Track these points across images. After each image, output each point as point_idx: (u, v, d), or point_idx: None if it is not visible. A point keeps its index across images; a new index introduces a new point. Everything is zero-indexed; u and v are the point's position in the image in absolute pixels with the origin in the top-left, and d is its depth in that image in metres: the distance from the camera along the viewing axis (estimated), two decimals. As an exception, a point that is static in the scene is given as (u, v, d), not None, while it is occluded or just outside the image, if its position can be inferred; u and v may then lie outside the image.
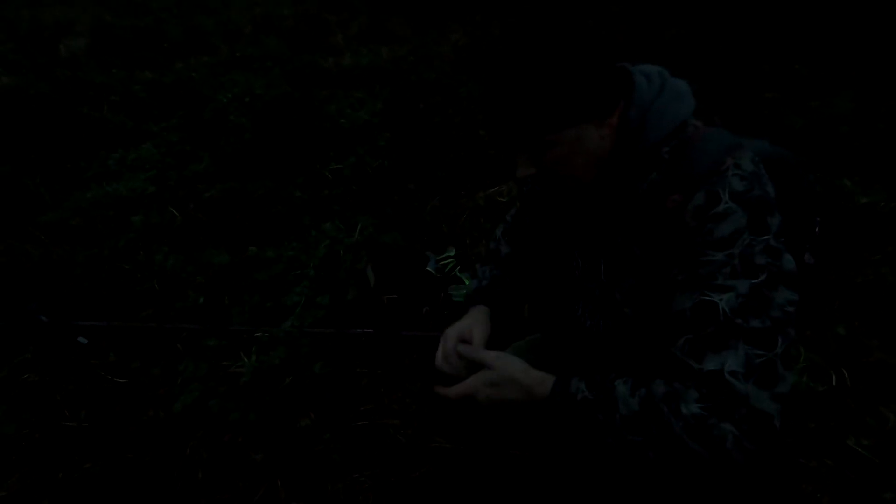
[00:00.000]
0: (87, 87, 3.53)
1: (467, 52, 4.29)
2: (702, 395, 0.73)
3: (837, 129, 2.90)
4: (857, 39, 3.73)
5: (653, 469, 0.81)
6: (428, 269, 2.11)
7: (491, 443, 1.46)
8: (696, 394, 0.73)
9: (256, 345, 1.79)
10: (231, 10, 5.43)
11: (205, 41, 4.63)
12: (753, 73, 3.50)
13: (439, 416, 1.58)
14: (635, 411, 0.77)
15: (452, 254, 2.19)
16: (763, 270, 0.73)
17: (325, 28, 5.04)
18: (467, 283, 2.05)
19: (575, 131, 0.79)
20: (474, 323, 1.06)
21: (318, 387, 1.68)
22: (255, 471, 1.49)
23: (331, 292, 1.97)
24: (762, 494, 0.78)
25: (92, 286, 2.04)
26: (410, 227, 2.37)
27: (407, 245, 2.22)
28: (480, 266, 1.23)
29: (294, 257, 2.11)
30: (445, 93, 3.55)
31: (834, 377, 1.64)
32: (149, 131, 3.16)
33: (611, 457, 0.86)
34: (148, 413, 1.64)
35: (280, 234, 2.28)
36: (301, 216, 2.42)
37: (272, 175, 2.70)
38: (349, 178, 2.72)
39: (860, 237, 2.13)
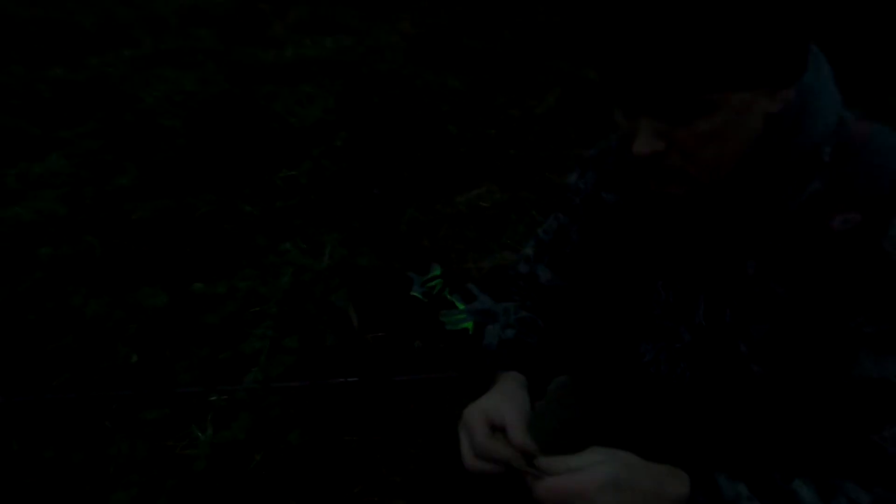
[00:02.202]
0: (-25, 88, 2.83)
1: (419, 43, 3.86)
2: None
3: None
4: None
5: None
6: (413, 293, 1.72)
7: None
8: None
9: (212, 411, 1.35)
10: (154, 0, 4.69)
11: (124, 33, 3.93)
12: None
13: (456, 487, 1.22)
14: None
15: (438, 273, 1.81)
16: None
17: (261, 18, 4.43)
18: (460, 307, 1.69)
19: (748, 97, 0.50)
20: (505, 401, 0.70)
21: (296, 463, 1.27)
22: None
23: (300, 332, 1.55)
24: None
25: (-15, 347, 1.50)
26: (384, 242, 1.96)
27: (384, 265, 1.82)
28: (499, 302, 0.86)
29: (250, 290, 1.66)
30: (401, 85, 3.12)
31: None
32: (59, 139, 2.54)
33: None
34: (68, 523, 1.18)
35: (230, 261, 1.81)
36: (253, 235, 1.96)
37: (214, 187, 2.20)
38: (305, 187, 2.27)
39: None
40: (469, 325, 1.64)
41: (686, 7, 0.46)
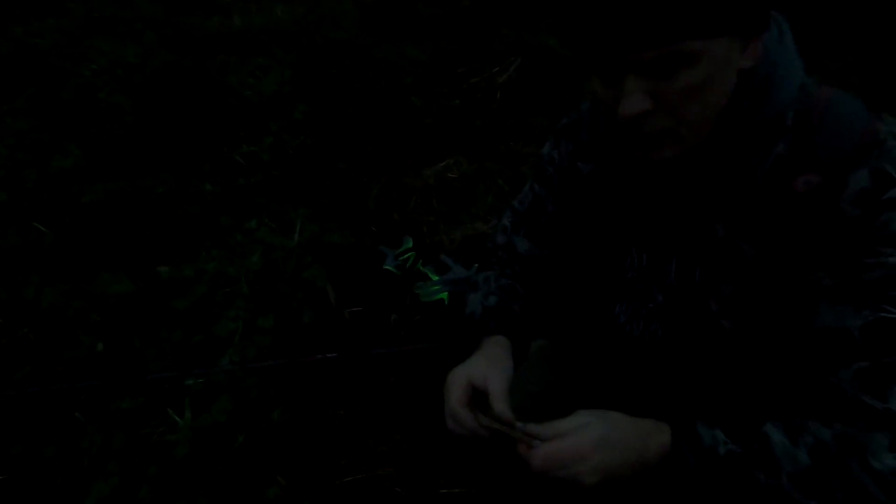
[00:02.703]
0: None
1: (373, 10, 3.73)
2: (894, 444, 0.54)
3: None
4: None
5: None
6: (386, 267, 1.72)
7: (518, 482, 1.16)
8: (885, 440, 0.54)
9: (189, 396, 1.32)
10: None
11: (48, 0, 3.60)
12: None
13: (443, 454, 1.25)
14: (807, 466, 0.56)
15: (410, 245, 1.81)
16: None
17: (203, -17, 4.15)
18: (434, 279, 1.70)
19: (726, 45, 0.52)
20: (490, 366, 0.72)
21: (281, 441, 1.27)
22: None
23: (275, 312, 1.52)
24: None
25: (-70, 345, 1.41)
26: (354, 217, 1.94)
27: (356, 241, 1.80)
28: (481, 272, 0.89)
29: (219, 272, 1.61)
30: (360, 56, 3.03)
31: None
32: (-13, 118, 2.34)
33: None
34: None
35: (194, 243, 1.74)
36: (217, 215, 1.89)
37: (169, 167, 2.10)
38: (268, 163, 2.19)
39: None
40: (444, 295, 1.66)
41: None
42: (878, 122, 0.56)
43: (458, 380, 0.70)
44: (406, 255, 1.76)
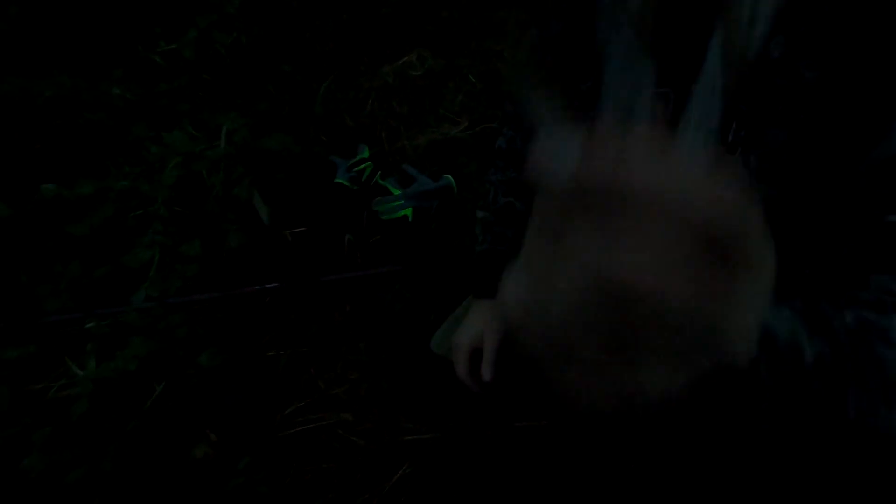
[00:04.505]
0: None
1: None
2: None
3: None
4: None
5: None
6: (338, 180, 1.41)
7: (490, 420, 0.95)
8: None
9: (92, 341, 1.05)
10: None
11: None
12: None
13: (410, 395, 1.03)
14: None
15: (366, 154, 1.50)
16: None
17: None
18: (395, 192, 1.41)
19: None
20: (484, 324, 0.70)
21: (211, 389, 1.02)
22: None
23: (201, 236, 1.22)
24: None
25: None
26: (299, 124, 1.59)
27: (300, 149, 1.47)
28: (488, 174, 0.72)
29: (129, 190, 1.28)
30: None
31: None
32: None
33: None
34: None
35: (97, 157, 1.39)
36: (128, 125, 1.52)
37: (68, 68, 1.68)
38: (194, 64, 1.79)
39: None
40: (407, 212, 1.38)
41: None
42: None
43: (461, 347, 0.68)
44: (361, 166, 1.45)
